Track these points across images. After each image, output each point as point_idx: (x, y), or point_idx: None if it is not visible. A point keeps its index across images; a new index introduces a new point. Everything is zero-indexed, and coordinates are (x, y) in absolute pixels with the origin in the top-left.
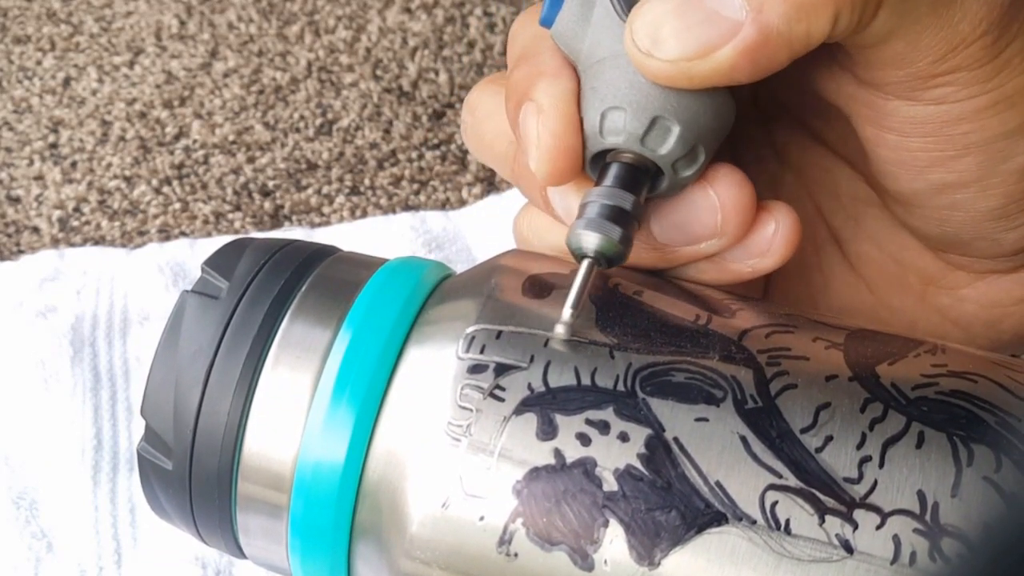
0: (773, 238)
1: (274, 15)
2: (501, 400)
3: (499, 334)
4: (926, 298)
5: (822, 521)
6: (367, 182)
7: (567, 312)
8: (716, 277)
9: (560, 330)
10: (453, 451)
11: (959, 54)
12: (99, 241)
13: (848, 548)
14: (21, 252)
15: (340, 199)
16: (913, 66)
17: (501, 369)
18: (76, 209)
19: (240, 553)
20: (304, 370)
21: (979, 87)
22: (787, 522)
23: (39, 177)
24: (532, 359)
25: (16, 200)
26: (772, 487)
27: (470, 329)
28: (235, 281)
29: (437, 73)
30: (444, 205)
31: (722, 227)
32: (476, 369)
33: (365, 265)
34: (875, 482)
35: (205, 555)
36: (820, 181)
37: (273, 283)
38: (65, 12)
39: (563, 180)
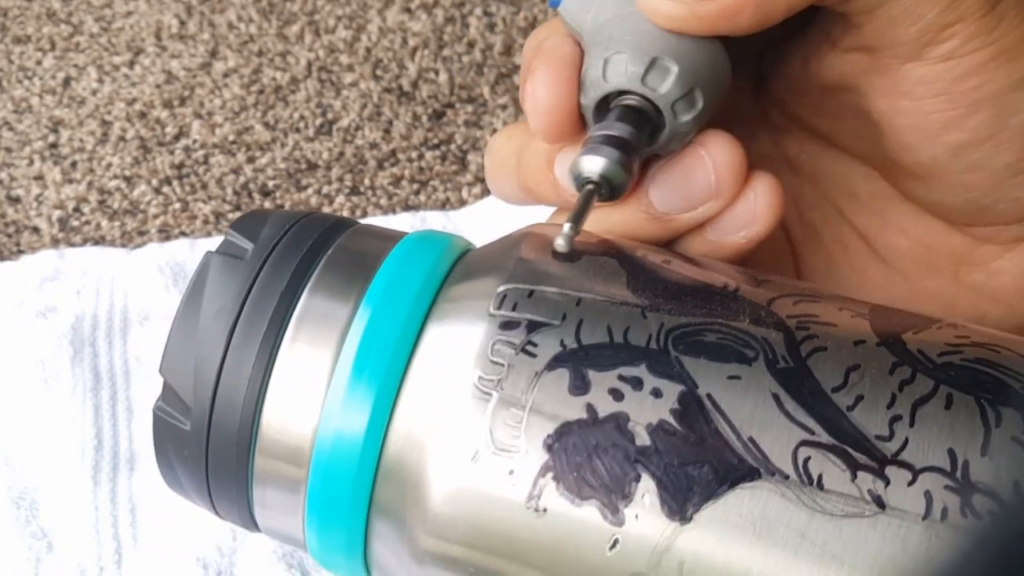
0: (755, 205)
1: (274, 15)
2: (533, 356)
3: (531, 293)
4: (960, 277)
5: (854, 477)
6: (367, 182)
7: (567, 226)
8: (716, 252)
9: (560, 243)
10: (483, 405)
11: (961, 5)
12: (99, 241)
13: (880, 503)
14: (21, 252)
15: (340, 199)
16: (921, 20)
17: (533, 326)
18: (76, 209)
19: (253, 523)
20: (325, 342)
21: (981, 39)
22: (819, 477)
23: (39, 177)
24: (564, 317)
25: (16, 200)
26: (805, 443)
27: (502, 288)
28: (260, 243)
29: (437, 73)
30: (444, 205)
31: (716, 188)
32: (508, 325)
33: (386, 237)
34: (906, 440)
35: (206, 555)
36: (837, 184)
37: (297, 248)
38: (65, 12)
39: (563, 136)
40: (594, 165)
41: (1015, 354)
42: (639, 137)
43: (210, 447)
